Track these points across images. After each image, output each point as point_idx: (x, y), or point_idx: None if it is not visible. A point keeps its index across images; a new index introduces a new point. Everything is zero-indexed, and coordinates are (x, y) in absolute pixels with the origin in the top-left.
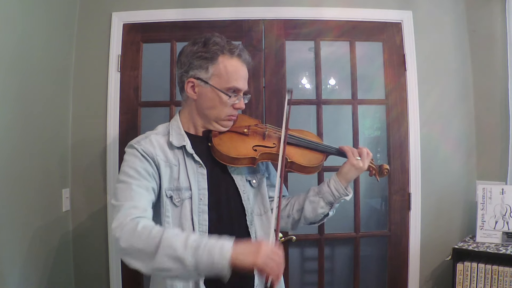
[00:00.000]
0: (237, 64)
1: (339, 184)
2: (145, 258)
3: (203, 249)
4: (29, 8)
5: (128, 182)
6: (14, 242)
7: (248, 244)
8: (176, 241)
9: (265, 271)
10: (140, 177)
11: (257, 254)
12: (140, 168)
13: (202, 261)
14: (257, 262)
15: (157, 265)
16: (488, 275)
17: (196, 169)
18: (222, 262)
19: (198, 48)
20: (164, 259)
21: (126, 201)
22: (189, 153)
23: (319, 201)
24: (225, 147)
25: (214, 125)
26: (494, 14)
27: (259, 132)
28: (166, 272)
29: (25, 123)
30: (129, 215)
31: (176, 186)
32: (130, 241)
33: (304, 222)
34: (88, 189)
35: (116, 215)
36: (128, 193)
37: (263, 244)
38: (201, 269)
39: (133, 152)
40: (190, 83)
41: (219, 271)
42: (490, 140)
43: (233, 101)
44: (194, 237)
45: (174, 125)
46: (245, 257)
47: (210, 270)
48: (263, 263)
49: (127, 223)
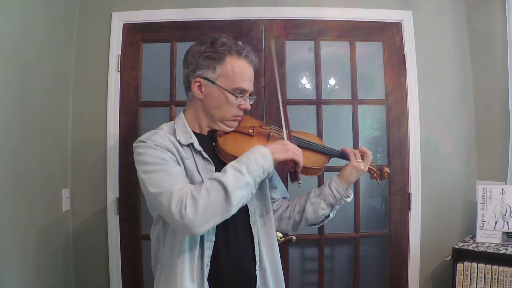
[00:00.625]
0: (244, 65)
1: (340, 186)
2: (221, 207)
3: (251, 163)
4: (29, 8)
5: (162, 169)
6: (15, 242)
7: (275, 144)
8: (232, 175)
9: (295, 159)
10: (170, 163)
11: (287, 149)
12: (165, 156)
13: (256, 171)
14: (289, 154)
15: (235, 201)
16: (488, 275)
17: (205, 165)
18: (269, 163)
19: (205, 48)
20: (237, 193)
21: (173, 185)
22: (197, 150)
23: (320, 203)
24: (230, 147)
25: (219, 125)
26: (494, 14)
27: (264, 133)
28: (241, 201)
29: (25, 123)
30: (183, 194)
31: (191, 179)
32: (199, 209)
33: (305, 223)
34: (88, 189)
35: (170, 199)
36: (169, 178)
37: (286, 142)
38: (257, 178)
39: (148, 145)
40: (197, 82)
41: (268, 170)
42: (490, 140)
43: (239, 101)
44: (236, 163)
45: (179, 123)
46: (280, 153)
47: (263, 173)
48: (292, 155)
49: (186, 200)
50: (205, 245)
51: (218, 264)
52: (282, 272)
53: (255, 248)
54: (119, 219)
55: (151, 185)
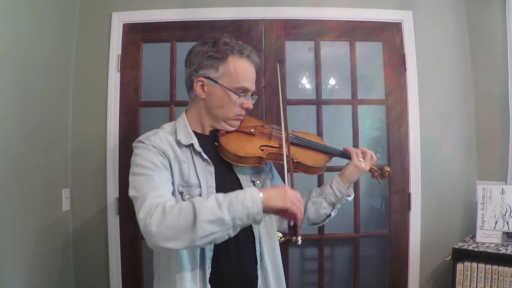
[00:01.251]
0: (246, 65)
1: (341, 185)
2: (182, 233)
3: (236, 202)
4: (29, 8)
5: (148, 174)
6: (14, 242)
7: (273, 189)
8: (209, 205)
9: (292, 210)
10: (157, 169)
11: (284, 196)
12: (156, 160)
13: (238, 213)
14: (285, 203)
15: (199, 234)
16: (488, 275)
17: (204, 167)
18: (256, 208)
19: (208, 48)
20: (204, 225)
21: (150, 191)
22: (197, 151)
23: (321, 202)
24: (233, 146)
25: (222, 125)
26: (494, 14)
27: (265, 133)
28: (207, 238)
29: (25, 123)
30: (155, 204)
31: (187, 182)
32: (163, 224)
33: (307, 223)
34: (88, 189)
35: (141, 205)
36: (150, 183)
37: (287, 188)
38: (238, 220)
39: (144, 147)
40: (199, 82)
41: (254, 217)
42: (490, 140)
43: (242, 101)
44: (221, 196)
45: (181, 123)
46: (275, 200)
47: (247, 219)
48: (290, 204)
49: (154, 210)
50: (206, 247)
51: (219, 265)
52: (283, 272)
53: (256, 248)
54: (119, 219)
55: (132, 188)
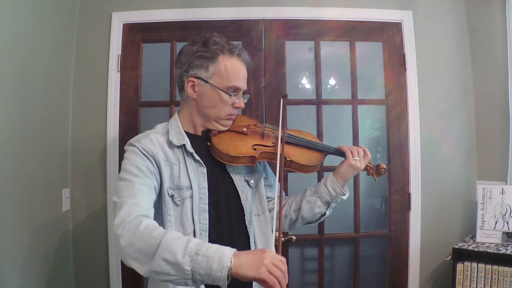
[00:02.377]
0: (237, 64)
1: (336, 183)
2: (143, 259)
3: (202, 256)
4: (29, 8)
5: (131, 180)
6: (14, 242)
7: (250, 254)
8: (176, 246)
9: (267, 283)
10: (142, 175)
11: (260, 265)
12: (142, 166)
13: (200, 268)
14: (259, 274)
15: (155, 268)
16: (488, 275)
17: (196, 168)
18: (220, 273)
19: (198, 47)
20: (161, 262)
21: (129, 198)
22: (189, 152)
23: (316, 201)
24: (225, 146)
25: (214, 124)
26: (494, 14)
27: (258, 132)
28: (163, 275)
29: (25, 123)
30: (132, 212)
31: (177, 185)
32: (131, 240)
33: (302, 222)
34: (88, 189)
35: (118, 212)
36: (131, 190)
37: (266, 254)
38: (198, 276)
39: (133, 150)
40: (190, 82)
41: (216, 281)
42: (490, 140)
43: (233, 100)
44: (195, 242)
45: (173, 124)
46: (246, 269)
47: (208, 278)
48: (265, 276)
49: (129, 221)
50: None
51: None
52: None
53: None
54: None
55: (115, 192)
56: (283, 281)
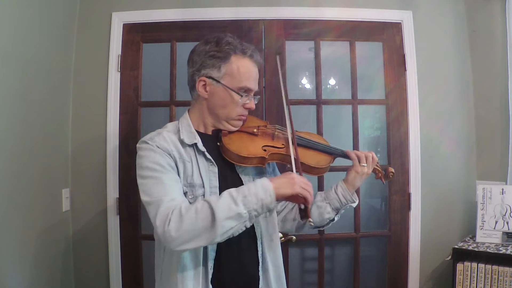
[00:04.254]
0: (249, 65)
1: (346, 191)
2: (203, 233)
3: (250, 195)
4: (29, 8)
5: (157, 176)
6: (14, 242)
7: (281, 178)
8: (225, 203)
9: (302, 195)
10: (166, 171)
11: (293, 183)
12: (163, 162)
13: (253, 205)
14: (295, 189)
15: (219, 231)
16: (488, 275)
17: (208, 167)
18: (269, 198)
19: (210, 47)
20: (224, 223)
21: (163, 196)
22: (201, 150)
23: (326, 207)
24: (235, 146)
25: (224, 124)
26: (494, 14)
27: (268, 133)
28: (228, 232)
29: (25, 123)
30: (171, 208)
31: (190, 182)
32: (183, 227)
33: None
34: (88, 189)
35: (157, 211)
36: (161, 188)
37: (294, 175)
38: (253, 212)
39: (150, 148)
40: (201, 81)
41: (268, 207)
42: (490, 140)
43: (244, 100)
44: (234, 191)
45: (184, 123)
46: (285, 188)
47: (261, 209)
48: (300, 190)
49: (172, 216)
50: (209, 247)
51: (221, 266)
52: (284, 273)
53: (258, 249)
54: (119, 219)
55: (143, 192)
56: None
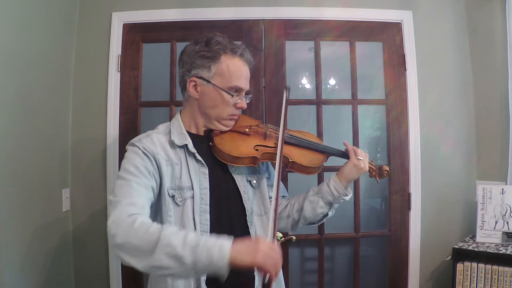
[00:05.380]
0: (239, 64)
1: (339, 184)
2: (141, 255)
3: (202, 247)
4: (29, 8)
5: (128, 178)
6: (14, 242)
7: (246, 243)
8: (175, 239)
9: (263, 269)
10: (140, 175)
11: (256, 252)
12: (141, 165)
13: (201, 259)
14: (256, 260)
15: (155, 263)
16: (488, 275)
17: (198, 168)
18: (221, 261)
19: (200, 47)
20: (162, 256)
21: (124, 198)
22: (191, 152)
23: (318, 201)
24: (227, 146)
25: (215, 125)
26: (494, 14)
27: (260, 132)
28: (163, 270)
29: (25, 123)
30: (127, 211)
31: (178, 185)
32: (127, 237)
33: (304, 222)
34: (88, 189)
35: (113, 211)
36: (126, 189)
37: (261, 242)
38: (199, 267)
39: (134, 150)
40: (192, 82)
41: (217, 270)
42: (490, 140)
43: (235, 100)
44: (193, 235)
45: (175, 124)
46: (244, 256)
47: (209, 269)
48: (261, 262)
49: (124, 219)
50: None
51: None
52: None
53: None
54: None
55: (111, 190)
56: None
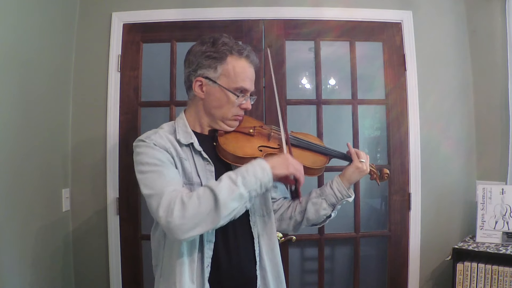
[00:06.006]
0: (245, 65)
1: (342, 186)
2: (209, 216)
3: (249, 176)
4: (29, 8)
5: (158, 170)
6: (14, 242)
7: (276, 158)
8: (226, 185)
9: (296, 175)
10: (166, 165)
11: (287, 164)
12: (162, 157)
13: (252, 185)
14: (289, 170)
15: (224, 213)
16: (488, 275)
17: (205, 166)
18: (267, 177)
19: (207, 47)
20: (228, 205)
21: (165, 187)
22: (197, 150)
23: (321, 203)
24: (231, 146)
25: (220, 125)
26: (494, 14)
27: (264, 133)
28: (231, 214)
29: (25, 123)
30: (173, 198)
31: (189, 180)
32: (186, 215)
33: (307, 223)
34: (88, 189)
35: (159, 202)
36: (162, 179)
37: (288, 156)
38: (253, 192)
39: (147, 145)
40: (198, 82)
41: (266, 186)
42: (490, 140)
43: (240, 101)
44: (233, 174)
45: (180, 123)
46: (280, 168)
47: (260, 188)
48: (293, 169)
49: (174, 206)
50: (205, 246)
51: (218, 264)
52: (283, 272)
53: (255, 248)
54: (119, 219)
55: (144, 186)
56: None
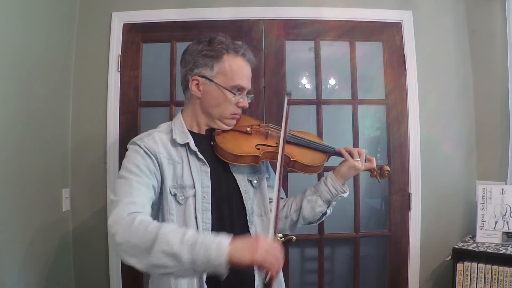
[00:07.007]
0: (241, 63)
1: (336, 181)
2: (140, 254)
3: (200, 245)
4: (29, 8)
5: (128, 177)
6: (14, 242)
7: (245, 240)
8: (173, 237)
9: (263, 266)
10: (140, 173)
11: (255, 249)
12: (142, 164)
13: (199, 257)
14: (255, 258)
15: (153, 261)
16: (488, 275)
17: (200, 167)
18: (219, 259)
19: (203, 46)
20: (160, 255)
21: (124, 197)
22: (193, 150)
23: (316, 200)
24: (229, 145)
25: (217, 124)
26: (494, 14)
27: (262, 132)
28: (162, 268)
29: (25, 123)
30: (127, 210)
31: (180, 184)
32: (126, 236)
33: (303, 222)
34: (88, 189)
35: (113, 210)
36: (127, 188)
37: (261, 239)
38: (197, 265)
39: (135, 149)
40: (194, 81)
41: (216, 268)
42: (490, 140)
43: (238, 99)
44: (191, 233)
45: (177, 123)
46: (243, 254)
47: (207, 267)
48: (261, 259)
49: (123, 218)
50: None
51: None
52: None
53: None
54: None
55: (113, 190)
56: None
